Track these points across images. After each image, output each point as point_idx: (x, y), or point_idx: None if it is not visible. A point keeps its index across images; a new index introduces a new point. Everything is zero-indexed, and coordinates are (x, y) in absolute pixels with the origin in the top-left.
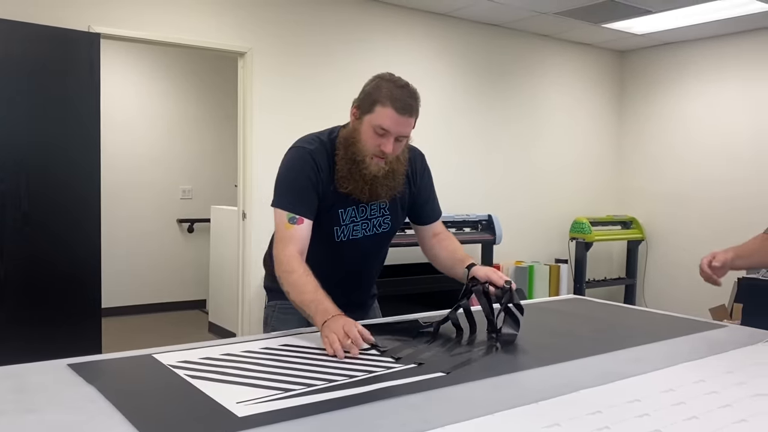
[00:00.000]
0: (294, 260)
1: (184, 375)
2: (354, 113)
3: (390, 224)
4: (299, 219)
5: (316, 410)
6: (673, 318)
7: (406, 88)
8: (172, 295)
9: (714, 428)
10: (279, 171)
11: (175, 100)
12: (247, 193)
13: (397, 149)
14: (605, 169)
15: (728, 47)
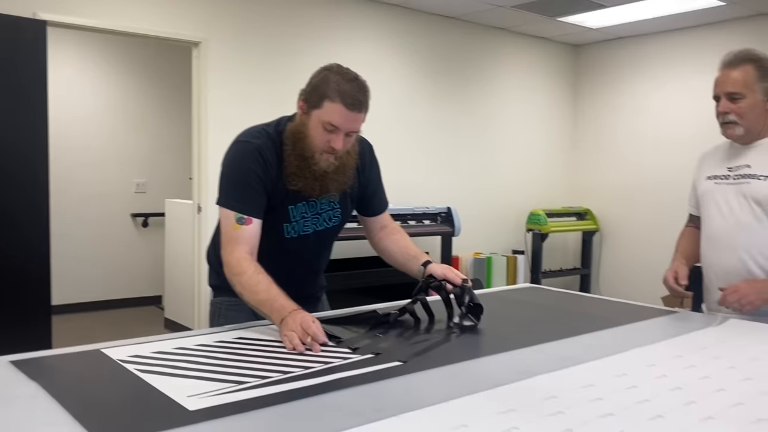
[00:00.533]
0: (244, 261)
1: (134, 369)
2: (301, 107)
3: (340, 218)
4: (247, 219)
5: (270, 402)
6: (626, 305)
7: (356, 81)
8: (127, 291)
9: (664, 410)
10: (223, 167)
11: (128, 91)
12: (203, 186)
13: (347, 144)
14: (560, 162)
15: (680, 41)
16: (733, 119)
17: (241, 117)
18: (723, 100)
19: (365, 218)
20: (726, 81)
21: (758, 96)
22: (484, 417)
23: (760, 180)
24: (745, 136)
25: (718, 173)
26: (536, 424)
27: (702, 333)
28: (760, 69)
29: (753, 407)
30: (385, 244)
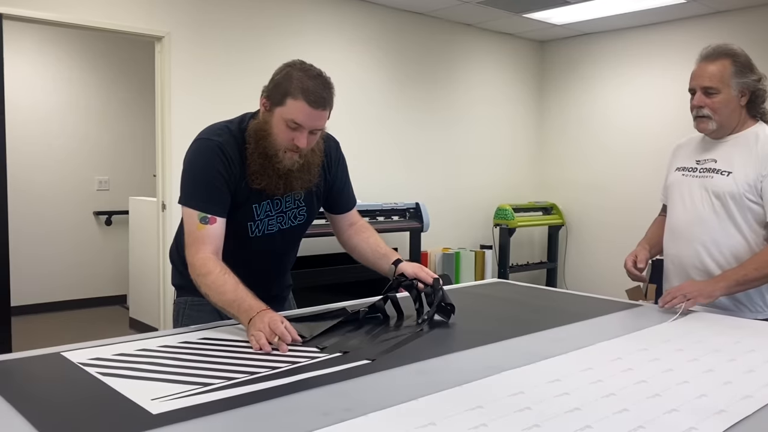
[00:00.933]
0: (209, 262)
1: (95, 373)
2: (264, 104)
3: (306, 216)
4: (211, 218)
5: (236, 404)
6: (591, 299)
7: (319, 78)
8: (90, 291)
9: (629, 404)
10: (185, 165)
11: (89, 86)
12: (167, 183)
13: (312, 142)
14: (527, 157)
15: (643, 38)
16: (707, 113)
17: (206, 113)
18: (698, 94)
19: (333, 216)
20: (702, 75)
21: (733, 92)
22: (452, 414)
23: (722, 176)
24: (718, 131)
25: (687, 165)
26: (504, 421)
27: (665, 326)
28: (737, 64)
29: (715, 398)
30: (355, 242)
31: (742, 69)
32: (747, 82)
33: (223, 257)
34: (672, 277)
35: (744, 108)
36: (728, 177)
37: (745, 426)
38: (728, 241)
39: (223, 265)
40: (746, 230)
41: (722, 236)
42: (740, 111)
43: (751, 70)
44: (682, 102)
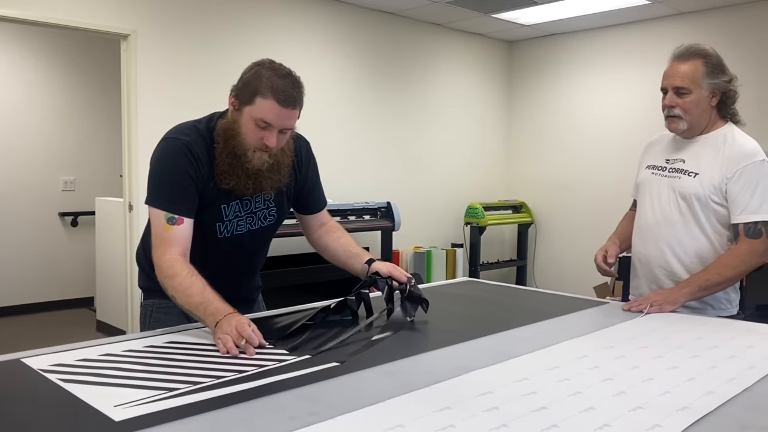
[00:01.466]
0: (176, 263)
1: (56, 379)
2: (232, 103)
3: (276, 216)
4: (179, 219)
5: (201, 409)
6: (559, 297)
7: (289, 77)
8: (56, 293)
9: (596, 402)
10: (152, 165)
11: (54, 85)
12: (134, 183)
13: (281, 141)
14: (496, 156)
15: (610, 38)
16: (678, 113)
17: (173, 112)
18: (670, 94)
19: (303, 216)
20: (674, 75)
21: (704, 92)
22: (420, 416)
23: (689, 177)
24: (689, 131)
25: (657, 164)
26: (471, 421)
27: (631, 324)
28: (708, 65)
29: (679, 395)
30: (325, 242)
31: (713, 70)
32: (718, 83)
33: (191, 259)
34: (639, 274)
35: (714, 109)
36: (695, 179)
37: (708, 421)
38: (693, 242)
39: (190, 267)
40: (710, 232)
41: (687, 237)
42: (711, 111)
43: (722, 71)
44: (649, 102)
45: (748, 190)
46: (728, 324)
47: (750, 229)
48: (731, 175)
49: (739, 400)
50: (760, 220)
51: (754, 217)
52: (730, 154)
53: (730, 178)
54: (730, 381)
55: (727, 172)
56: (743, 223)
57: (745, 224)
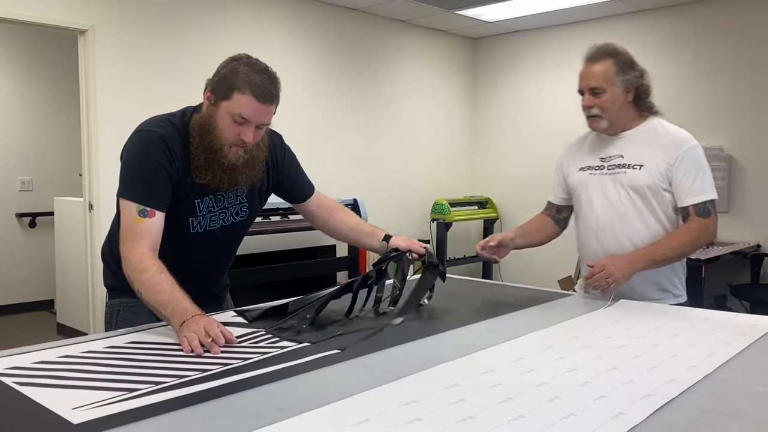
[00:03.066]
0: (146, 258)
1: (11, 383)
2: (208, 98)
3: (247, 212)
4: (150, 212)
5: (164, 409)
6: (525, 290)
7: (266, 72)
8: (14, 296)
9: (561, 392)
10: (125, 157)
11: (9, 82)
12: (93, 182)
13: (257, 137)
14: (462, 152)
15: (573, 35)
16: (597, 113)
17: (133, 108)
18: (586, 95)
19: (299, 206)
20: (588, 76)
21: (618, 90)
22: (387, 410)
23: (635, 170)
24: (610, 128)
25: (591, 164)
26: (438, 414)
27: (595, 315)
28: (619, 63)
29: (642, 383)
30: (332, 225)
31: (624, 67)
32: (630, 79)
33: (162, 254)
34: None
35: (632, 104)
36: (641, 170)
37: (670, 408)
38: (649, 231)
39: (160, 264)
40: (664, 220)
41: (644, 228)
42: (628, 107)
43: (632, 67)
44: None
45: (691, 174)
46: (687, 313)
47: (700, 209)
48: (673, 161)
49: (700, 386)
50: (707, 199)
51: (702, 197)
52: (668, 142)
53: (672, 164)
54: (691, 368)
55: (670, 159)
56: (692, 204)
57: (695, 205)
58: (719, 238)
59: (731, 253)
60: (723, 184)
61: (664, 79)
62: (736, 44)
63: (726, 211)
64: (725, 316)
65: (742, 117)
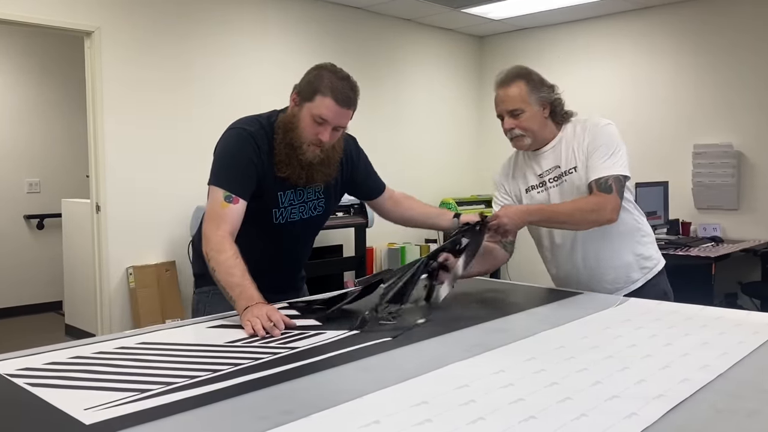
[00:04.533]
0: (225, 241)
1: (23, 384)
2: (294, 99)
3: (324, 207)
4: (235, 198)
5: (174, 410)
6: (533, 289)
7: (347, 80)
8: (23, 298)
9: (572, 392)
10: (218, 150)
11: (17, 85)
12: (101, 183)
13: (334, 138)
14: (468, 150)
15: (579, 33)
16: (520, 133)
17: (140, 110)
18: (506, 118)
19: (373, 202)
20: (505, 100)
21: (535, 107)
22: (397, 411)
23: (572, 173)
24: (534, 144)
25: (533, 183)
26: (448, 415)
27: (605, 313)
28: (530, 83)
29: (654, 383)
30: (401, 214)
31: (536, 86)
32: (544, 96)
33: (247, 243)
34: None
35: (548, 119)
36: (578, 172)
37: (683, 408)
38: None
39: (236, 249)
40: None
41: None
42: (546, 122)
43: (543, 83)
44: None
45: (599, 151)
46: (699, 311)
47: (601, 184)
48: (587, 145)
49: (713, 386)
50: (611, 175)
51: (605, 172)
52: (583, 132)
53: (587, 148)
54: (704, 368)
55: (585, 144)
56: (594, 179)
57: (596, 179)
58: (729, 235)
59: (741, 251)
60: (732, 181)
61: (672, 76)
62: (744, 40)
63: (736, 208)
64: (738, 315)
65: (751, 114)
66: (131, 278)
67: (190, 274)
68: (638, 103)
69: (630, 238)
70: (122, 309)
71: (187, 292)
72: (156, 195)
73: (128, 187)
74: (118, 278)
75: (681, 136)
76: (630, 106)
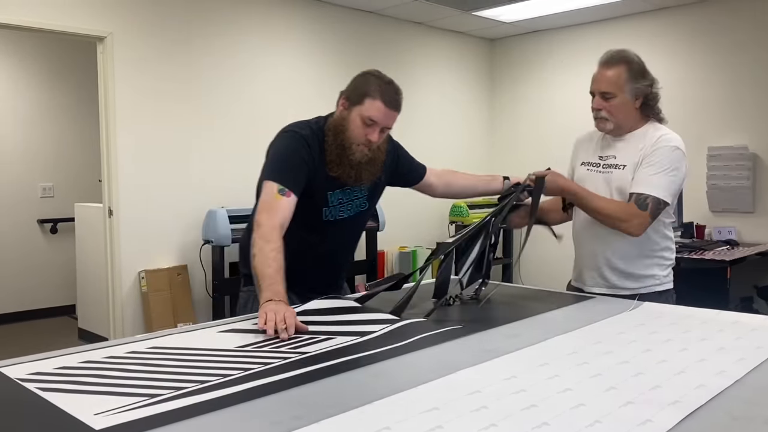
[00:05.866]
0: (275, 232)
1: (34, 388)
2: (343, 103)
3: (367, 204)
4: (288, 192)
5: (184, 415)
6: (546, 293)
7: (392, 84)
8: (37, 302)
9: (586, 398)
10: (273, 150)
11: (30, 89)
12: (113, 188)
13: (381, 138)
14: (479, 153)
15: (591, 35)
16: (605, 116)
17: (152, 114)
18: (597, 97)
19: (420, 185)
20: (601, 80)
21: (627, 96)
22: (407, 417)
23: (620, 170)
24: (615, 130)
25: (590, 160)
26: (460, 421)
27: (618, 318)
28: (631, 71)
29: (670, 389)
30: (448, 186)
31: (635, 75)
32: (640, 87)
33: (297, 240)
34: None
35: (639, 110)
36: (624, 170)
37: (699, 415)
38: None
39: (282, 245)
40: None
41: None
42: (635, 113)
43: (643, 75)
44: None
45: (653, 168)
46: (715, 315)
47: (640, 199)
48: (645, 154)
49: (730, 392)
50: (652, 195)
51: (648, 190)
52: (650, 142)
53: (644, 157)
54: (720, 373)
55: (644, 153)
56: (636, 192)
57: (637, 194)
58: (744, 238)
59: (757, 254)
60: (747, 183)
61: (684, 77)
62: (760, 40)
63: (751, 211)
64: (754, 319)
65: (767, 115)
66: (143, 282)
67: (201, 279)
68: None
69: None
70: (134, 313)
71: (199, 296)
72: (168, 199)
73: (140, 192)
74: (131, 282)
75: (695, 138)
76: None
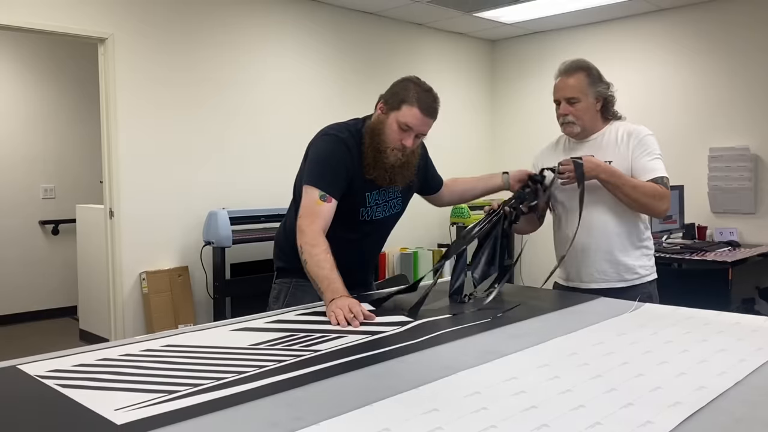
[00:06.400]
0: (319, 236)
1: (54, 385)
2: (381, 108)
3: (400, 206)
4: (329, 198)
5: (202, 411)
6: (546, 294)
7: (430, 92)
8: (38, 303)
9: (586, 399)
10: (314, 154)
11: (31, 90)
12: (114, 189)
13: (415, 144)
14: (480, 155)
15: (591, 36)
16: (572, 120)
17: (153, 116)
18: (563, 104)
19: (433, 197)
20: (564, 87)
21: (591, 99)
22: (407, 419)
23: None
24: (582, 133)
25: None
26: (460, 423)
27: (619, 319)
28: (591, 76)
29: (670, 390)
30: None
31: (594, 80)
32: (600, 90)
33: (335, 239)
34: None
35: (599, 112)
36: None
37: (700, 416)
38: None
39: (328, 245)
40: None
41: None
42: (597, 115)
43: (601, 79)
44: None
45: (649, 155)
46: (716, 317)
47: (664, 183)
48: (633, 148)
49: (731, 393)
50: (663, 175)
51: (661, 173)
52: (629, 135)
53: (633, 150)
54: (721, 375)
55: (634, 153)
56: (654, 177)
57: (659, 177)
58: (746, 239)
59: (759, 255)
60: (749, 184)
61: (686, 78)
62: (761, 41)
63: (753, 212)
64: (756, 320)
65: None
66: (144, 283)
67: (202, 280)
68: (652, 106)
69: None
70: (135, 314)
71: (200, 297)
72: (169, 200)
73: (141, 193)
74: (132, 283)
75: (696, 139)
76: (643, 109)
